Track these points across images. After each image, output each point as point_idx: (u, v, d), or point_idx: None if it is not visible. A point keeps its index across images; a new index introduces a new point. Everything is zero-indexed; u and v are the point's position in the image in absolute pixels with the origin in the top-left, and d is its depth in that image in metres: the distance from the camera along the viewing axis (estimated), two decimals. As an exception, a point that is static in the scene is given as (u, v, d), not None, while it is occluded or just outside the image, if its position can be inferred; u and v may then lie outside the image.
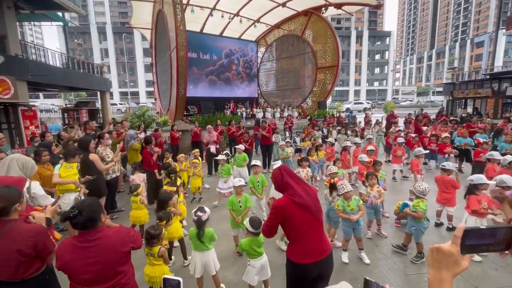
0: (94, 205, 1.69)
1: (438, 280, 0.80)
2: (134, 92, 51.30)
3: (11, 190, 1.82)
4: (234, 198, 3.77)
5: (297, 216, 2.01)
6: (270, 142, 8.31)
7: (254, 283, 2.70)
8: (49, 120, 20.14)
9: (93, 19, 56.62)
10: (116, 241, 1.67)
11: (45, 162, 4.03)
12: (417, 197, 3.60)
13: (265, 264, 2.74)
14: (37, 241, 1.72)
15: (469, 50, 62.29)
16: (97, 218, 1.67)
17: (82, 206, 1.63)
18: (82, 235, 1.64)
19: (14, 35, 9.67)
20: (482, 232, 0.76)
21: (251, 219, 2.73)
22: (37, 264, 1.79)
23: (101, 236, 1.65)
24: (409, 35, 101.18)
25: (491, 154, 4.93)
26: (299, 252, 2.06)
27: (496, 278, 3.10)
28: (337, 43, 16.13)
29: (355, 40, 59.71)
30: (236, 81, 20.37)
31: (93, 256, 1.60)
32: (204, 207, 2.86)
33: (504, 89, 15.73)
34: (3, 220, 1.75)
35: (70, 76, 13.09)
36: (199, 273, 2.77)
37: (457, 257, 0.78)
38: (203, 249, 2.77)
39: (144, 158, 5.60)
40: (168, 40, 12.36)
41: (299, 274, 2.09)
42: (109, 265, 1.64)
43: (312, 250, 2.04)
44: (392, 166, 6.96)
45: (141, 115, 13.26)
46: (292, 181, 2.09)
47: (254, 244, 2.69)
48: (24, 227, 1.76)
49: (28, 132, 8.97)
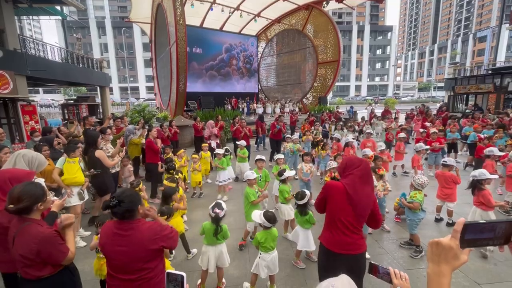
0: (134, 197, 1.70)
1: (438, 274, 0.81)
2: (134, 87, 51.14)
3: (36, 188, 1.74)
4: (249, 189, 3.73)
5: (338, 202, 2.06)
6: (281, 137, 8.29)
7: (264, 275, 2.73)
8: (49, 115, 20.14)
9: (92, 13, 56.14)
10: (146, 237, 1.66)
11: (46, 157, 4.02)
12: (415, 189, 3.66)
13: (275, 259, 2.78)
14: (40, 249, 1.64)
15: (472, 45, 61.75)
16: (135, 209, 1.68)
17: (122, 196, 1.64)
18: (119, 223, 1.67)
19: (12, 29, 9.59)
20: (482, 227, 0.77)
21: (266, 215, 2.73)
22: (48, 268, 1.72)
23: (134, 228, 1.66)
24: (411, 29, 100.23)
25: (491, 151, 4.93)
26: (329, 240, 2.12)
27: (495, 273, 3.11)
28: (338, 37, 16.00)
29: (357, 34, 59.20)
30: (236, 76, 20.27)
31: (124, 245, 1.63)
32: (222, 204, 2.85)
33: (506, 84, 15.64)
34: (23, 217, 1.70)
35: (70, 71, 13.02)
36: (212, 267, 2.78)
37: (456, 251, 0.79)
38: (216, 243, 2.81)
39: (148, 149, 5.55)
40: (168, 35, 12.26)
41: (330, 260, 2.15)
42: (135, 259, 1.64)
43: (342, 241, 2.06)
44: (395, 162, 6.93)
45: (141, 110, 13.23)
46: (357, 175, 2.06)
47: (269, 237, 2.73)
48: (32, 231, 1.66)
49: (28, 127, 8.95)
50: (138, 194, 1.77)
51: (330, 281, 0.95)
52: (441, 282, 0.81)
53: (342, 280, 0.96)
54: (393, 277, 1.06)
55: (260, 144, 10.45)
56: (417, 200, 3.52)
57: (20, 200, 1.65)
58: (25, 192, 1.68)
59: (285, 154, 6.52)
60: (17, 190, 1.67)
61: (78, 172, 3.95)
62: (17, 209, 1.65)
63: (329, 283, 0.93)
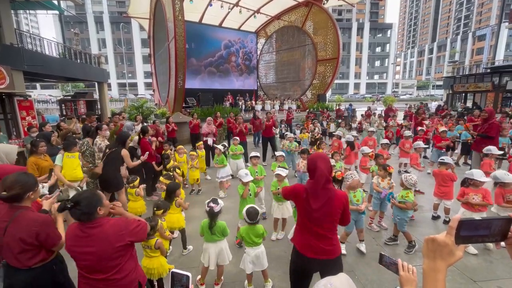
0: (92, 199, 1.66)
1: (433, 269, 0.83)
2: (132, 83, 50.81)
3: (28, 178, 1.84)
4: (241, 187, 3.72)
5: (304, 208, 1.97)
6: (272, 134, 8.24)
7: (248, 270, 2.73)
8: (47, 111, 19.98)
9: (90, 8, 55.52)
10: (111, 234, 1.64)
11: (42, 153, 4.00)
12: (406, 188, 3.65)
13: (261, 255, 2.76)
14: (39, 231, 1.72)
15: (471, 43, 61.76)
16: (93, 212, 1.64)
17: (79, 199, 1.62)
18: (81, 224, 1.65)
19: (9, 24, 9.47)
20: (477, 224, 0.78)
21: (247, 210, 2.74)
22: (42, 254, 1.80)
23: (97, 227, 1.64)
24: (410, 27, 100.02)
25: (489, 149, 4.95)
26: (302, 243, 2.03)
27: (491, 270, 3.14)
28: (338, 35, 15.94)
29: (356, 32, 59.03)
30: (235, 73, 20.18)
31: (90, 245, 1.61)
32: (218, 199, 2.86)
33: (505, 83, 15.68)
34: (15, 206, 1.78)
35: (67, 66, 12.90)
36: (213, 265, 2.79)
37: (451, 248, 0.80)
38: (215, 240, 2.81)
39: (142, 149, 5.55)
40: (167, 31, 12.16)
41: (300, 264, 2.06)
42: (104, 258, 1.63)
43: (313, 245, 1.97)
44: (400, 160, 6.92)
45: (139, 106, 13.16)
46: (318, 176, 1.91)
47: (251, 233, 2.72)
48: (30, 216, 1.76)
49: (25, 122, 8.88)
50: (98, 195, 1.72)
51: (328, 279, 0.95)
52: (437, 278, 0.82)
53: (340, 279, 0.96)
54: (400, 269, 1.07)
55: (260, 142, 10.43)
56: (409, 200, 3.53)
57: (13, 187, 1.74)
58: (18, 181, 1.77)
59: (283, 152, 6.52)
60: (10, 178, 1.76)
61: (78, 167, 3.95)
62: (10, 195, 1.73)
63: (328, 281, 0.93)
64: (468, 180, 3.66)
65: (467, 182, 3.68)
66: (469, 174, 3.67)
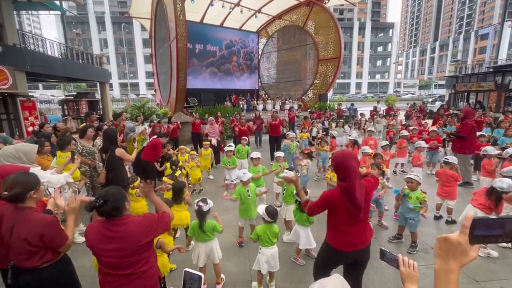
0: (118, 194, 1.68)
1: (446, 270, 0.79)
2: (134, 83, 50.94)
3: (28, 177, 1.82)
4: (241, 187, 3.75)
5: (345, 210, 2.03)
6: (279, 133, 8.20)
7: (264, 271, 2.74)
8: (49, 111, 20.07)
9: (92, 8, 55.70)
10: (137, 233, 1.67)
11: (46, 152, 4.02)
12: (414, 189, 3.60)
13: (275, 255, 2.79)
14: (44, 233, 1.71)
15: (473, 42, 61.39)
16: (122, 207, 1.67)
17: (107, 195, 1.63)
18: (107, 221, 1.66)
19: (11, 24, 9.53)
20: (491, 223, 0.75)
21: (267, 209, 2.75)
22: (48, 255, 1.79)
23: (124, 225, 1.66)
24: (412, 27, 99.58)
25: (485, 150, 4.93)
26: (339, 239, 2.11)
27: (494, 271, 3.12)
28: (339, 34, 15.89)
29: (358, 31, 58.84)
30: (236, 72, 20.17)
31: (115, 243, 1.63)
32: (207, 199, 2.88)
33: (508, 82, 15.57)
34: (19, 206, 1.76)
35: (69, 66, 12.96)
36: (202, 262, 2.82)
37: (465, 247, 0.76)
38: (205, 240, 2.82)
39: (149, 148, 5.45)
40: (168, 31, 12.18)
41: (335, 258, 2.17)
42: (129, 254, 1.66)
43: (353, 240, 2.07)
44: (397, 159, 6.91)
45: (141, 106, 13.19)
46: (352, 172, 2.00)
47: (269, 232, 2.74)
48: (35, 217, 1.75)
49: (28, 123, 8.94)
50: (123, 190, 1.75)
51: (322, 282, 0.93)
52: (449, 279, 0.79)
53: (333, 280, 0.95)
54: (401, 264, 1.06)
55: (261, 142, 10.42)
56: (426, 200, 3.53)
57: (13, 187, 1.72)
58: (18, 180, 1.75)
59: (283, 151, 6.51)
60: (10, 178, 1.75)
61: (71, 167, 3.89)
62: (11, 195, 1.71)
63: (321, 284, 0.91)
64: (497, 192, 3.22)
65: (497, 194, 3.26)
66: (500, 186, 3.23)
